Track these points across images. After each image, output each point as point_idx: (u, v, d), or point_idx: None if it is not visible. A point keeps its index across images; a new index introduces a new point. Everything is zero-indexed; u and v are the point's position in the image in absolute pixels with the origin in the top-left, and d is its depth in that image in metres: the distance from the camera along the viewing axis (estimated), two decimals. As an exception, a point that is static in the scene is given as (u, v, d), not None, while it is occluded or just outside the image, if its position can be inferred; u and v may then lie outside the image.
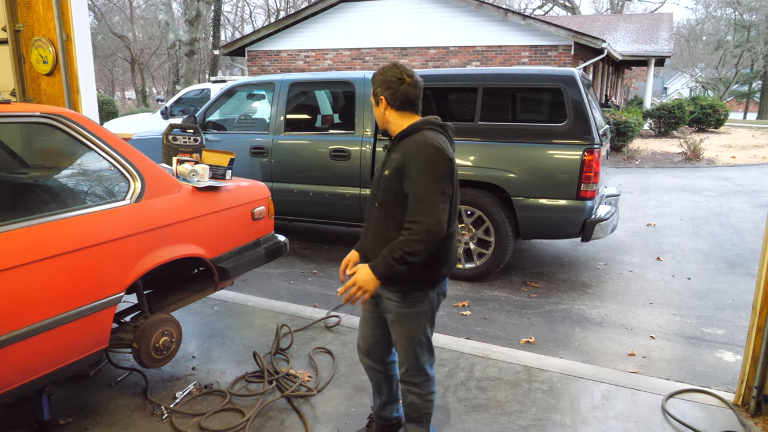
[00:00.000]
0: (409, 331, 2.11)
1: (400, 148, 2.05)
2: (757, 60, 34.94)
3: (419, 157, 1.96)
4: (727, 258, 5.41)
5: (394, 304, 2.09)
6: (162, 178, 2.75)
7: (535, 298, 4.41)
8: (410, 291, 2.07)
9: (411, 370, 2.16)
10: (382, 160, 2.16)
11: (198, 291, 3.11)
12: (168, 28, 15.48)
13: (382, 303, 2.15)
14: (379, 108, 2.11)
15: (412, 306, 2.08)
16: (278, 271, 5.02)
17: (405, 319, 2.10)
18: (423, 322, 2.11)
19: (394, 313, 2.11)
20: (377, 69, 2.14)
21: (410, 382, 2.18)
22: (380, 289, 2.09)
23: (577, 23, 21.55)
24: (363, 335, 2.31)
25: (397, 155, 2.03)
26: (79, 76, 3.84)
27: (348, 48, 15.90)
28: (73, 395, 2.82)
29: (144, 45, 33.93)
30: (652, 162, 12.21)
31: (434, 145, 1.98)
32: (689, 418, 2.64)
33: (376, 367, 2.32)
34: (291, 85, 5.43)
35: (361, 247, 2.22)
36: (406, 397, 2.21)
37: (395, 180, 2.01)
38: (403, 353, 2.15)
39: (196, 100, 11.12)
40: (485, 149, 4.61)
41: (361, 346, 2.33)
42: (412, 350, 2.13)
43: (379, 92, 2.09)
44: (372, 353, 2.30)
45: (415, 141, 2.01)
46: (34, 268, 2.10)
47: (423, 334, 2.13)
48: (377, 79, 2.09)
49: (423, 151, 1.96)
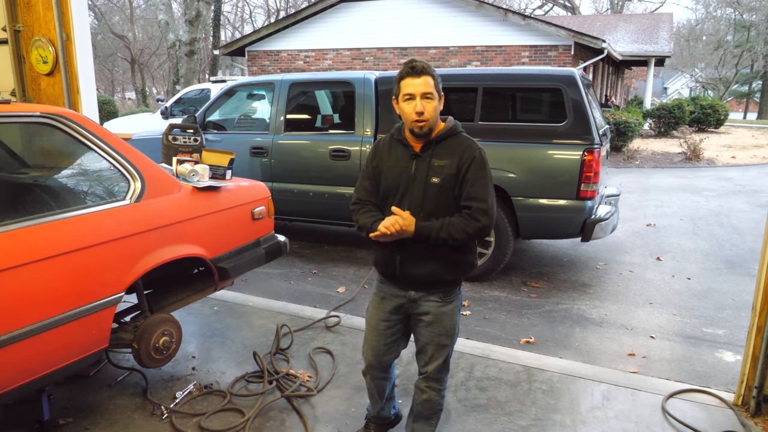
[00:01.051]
0: (449, 328, 2.12)
1: (444, 153, 2.00)
2: (757, 60, 34.94)
3: (479, 159, 2.00)
4: (727, 258, 5.41)
5: (434, 304, 2.09)
6: (162, 178, 2.75)
7: (535, 298, 4.41)
8: (451, 289, 2.11)
9: (441, 368, 2.15)
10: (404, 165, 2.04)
11: (198, 291, 3.11)
12: (168, 28, 15.48)
13: (416, 306, 2.11)
14: (440, 104, 2.01)
15: (450, 302, 2.12)
16: (278, 271, 5.02)
17: (444, 316, 2.10)
18: (458, 317, 2.16)
19: (434, 313, 2.10)
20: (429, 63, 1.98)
21: (437, 379, 2.17)
22: (418, 293, 2.09)
23: (577, 23, 21.55)
24: (375, 347, 2.21)
25: (443, 161, 1.99)
26: (79, 76, 3.83)
27: (348, 48, 15.90)
28: (73, 395, 2.81)
29: (144, 45, 33.93)
30: (652, 162, 12.21)
31: (481, 148, 2.02)
32: (689, 418, 2.64)
33: (382, 376, 2.29)
34: (291, 85, 5.43)
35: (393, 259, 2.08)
36: (423, 394, 2.19)
37: (448, 187, 1.99)
38: (438, 351, 2.13)
39: (196, 100, 11.12)
40: (485, 149, 4.59)
41: (371, 360, 2.23)
42: (449, 347, 2.15)
43: (440, 88, 1.99)
44: (383, 363, 2.24)
45: (466, 144, 2.02)
46: (34, 268, 2.10)
47: (458, 328, 2.17)
48: (437, 74, 1.98)
49: (481, 154, 2.01)
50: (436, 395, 2.19)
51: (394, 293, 2.15)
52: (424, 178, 2.00)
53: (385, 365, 2.26)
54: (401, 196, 2.04)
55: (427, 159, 2.01)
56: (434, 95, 1.96)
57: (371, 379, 2.29)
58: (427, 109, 1.94)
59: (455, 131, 2.05)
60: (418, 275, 2.06)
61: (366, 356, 2.25)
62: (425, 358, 2.16)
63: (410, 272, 2.06)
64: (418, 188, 2.01)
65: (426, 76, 1.93)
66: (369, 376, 2.29)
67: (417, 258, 2.03)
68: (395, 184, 2.05)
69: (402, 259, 2.05)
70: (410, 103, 1.95)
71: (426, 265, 2.03)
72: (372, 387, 2.32)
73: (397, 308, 2.16)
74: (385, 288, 2.18)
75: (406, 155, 2.06)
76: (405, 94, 1.96)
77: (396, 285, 2.14)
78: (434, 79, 1.96)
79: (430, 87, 1.94)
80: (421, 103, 1.94)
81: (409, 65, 1.95)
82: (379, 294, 2.21)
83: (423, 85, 1.93)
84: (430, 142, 2.03)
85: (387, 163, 2.10)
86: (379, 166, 2.12)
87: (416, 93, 1.94)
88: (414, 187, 2.02)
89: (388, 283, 2.17)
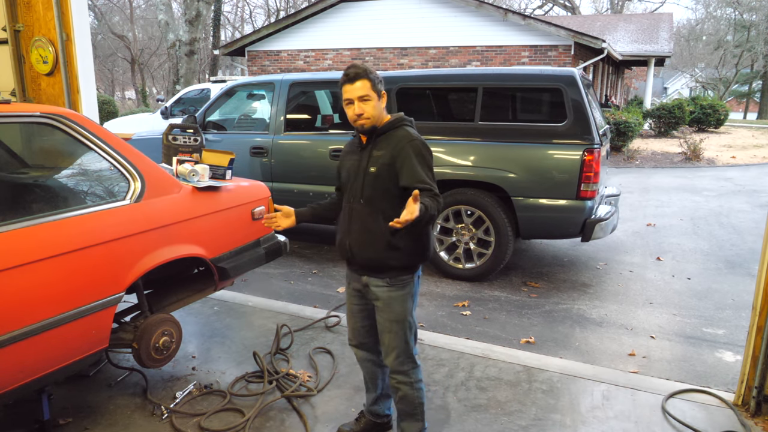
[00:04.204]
0: (398, 313, 2.20)
1: (383, 144, 2.14)
2: (757, 60, 34.93)
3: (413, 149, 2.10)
4: (727, 258, 5.41)
5: (383, 289, 2.18)
6: (162, 178, 2.75)
7: (535, 298, 4.41)
8: (397, 275, 2.18)
9: (401, 357, 2.21)
10: (355, 158, 2.22)
11: (198, 291, 3.11)
12: (168, 28, 15.48)
13: (369, 292, 2.23)
14: (381, 102, 2.17)
15: (400, 289, 2.19)
16: (278, 271, 5.02)
17: (394, 301, 2.19)
18: (409, 304, 2.21)
19: (383, 298, 2.19)
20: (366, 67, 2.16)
21: (400, 370, 2.22)
22: (369, 278, 2.21)
23: (577, 23, 21.55)
24: (353, 328, 2.38)
25: (380, 152, 2.13)
26: (79, 76, 3.84)
27: (348, 48, 15.90)
28: (73, 395, 2.82)
29: (144, 45, 33.93)
30: (652, 162, 12.21)
31: (421, 138, 2.14)
32: (689, 418, 2.64)
33: (370, 357, 2.39)
34: (291, 85, 5.43)
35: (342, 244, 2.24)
36: (397, 391, 2.25)
37: (385, 176, 2.11)
38: (393, 338, 2.20)
39: (196, 100, 11.13)
40: (485, 149, 4.61)
41: (352, 339, 2.40)
42: (402, 334, 2.20)
43: (380, 88, 2.16)
44: (364, 344, 2.37)
45: (402, 136, 2.14)
46: (35, 268, 2.10)
47: (411, 316, 2.22)
48: (376, 75, 2.14)
49: (414, 143, 2.11)
50: (409, 389, 2.24)
51: (353, 278, 2.30)
52: (364, 168, 2.17)
53: (368, 347, 2.37)
54: (351, 185, 2.23)
55: (369, 150, 2.18)
56: (371, 96, 2.12)
57: (359, 361, 2.43)
58: (366, 110, 2.12)
59: (395, 125, 2.18)
60: (365, 259, 2.19)
61: (349, 337, 2.42)
62: (384, 349, 2.25)
63: (358, 257, 2.20)
64: (359, 177, 2.18)
65: (361, 80, 2.11)
66: (357, 357, 2.42)
67: (362, 243, 2.17)
68: (348, 176, 2.25)
69: (350, 243, 2.20)
70: (350, 107, 2.14)
71: (369, 249, 2.16)
72: (363, 371, 2.44)
73: (357, 292, 2.30)
74: (348, 273, 2.34)
75: (357, 148, 2.26)
76: (345, 100, 2.16)
77: (352, 269, 2.30)
78: (371, 81, 2.12)
79: (366, 89, 2.11)
80: (359, 106, 2.12)
81: (344, 73, 2.13)
82: (347, 279, 2.37)
83: (359, 89, 2.11)
84: (372, 135, 2.19)
85: (346, 158, 2.31)
86: (341, 162, 2.35)
87: (353, 97, 2.12)
88: (357, 176, 2.19)
89: (348, 269, 2.33)
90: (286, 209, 2.34)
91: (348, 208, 2.23)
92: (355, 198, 2.19)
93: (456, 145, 4.65)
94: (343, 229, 2.25)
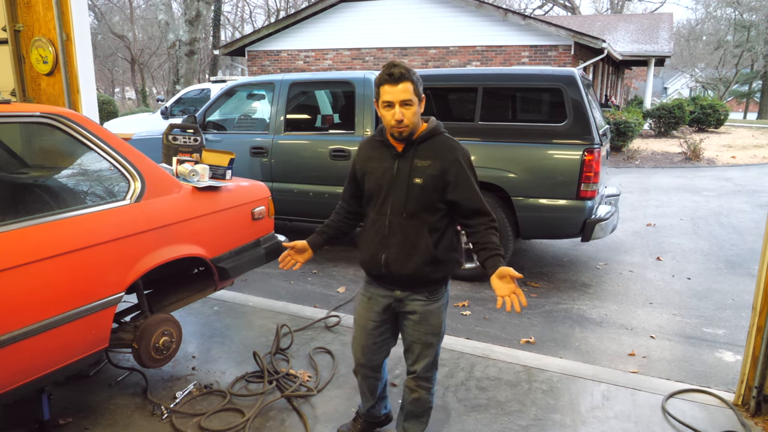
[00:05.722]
0: (435, 326, 2.12)
1: (427, 153, 1.98)
2: (757, 60, 34.94)
3: (465, 161, 2.00)
4: (727, 258, 5.41)
5: (420, 303, 2.09)
6: (162, 178, 2.74)
7: (535, 298, 4.41)
8: (437, 288, 2.11)
9: (429, 367, 2.15)
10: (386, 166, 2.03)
11: (198, 291, 3.11)
12: (168, 28, 15.48)
13: (402, 306, 2.11)
14: (419, 108, 1.97)
15: (436, 301, 2.12)
16: (278, 271, 5.01)
17: (431, 314, 2.10)
18: (444, 314, 2.15)
19: (420, 312, 2.10)
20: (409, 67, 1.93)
21: (425, 377, 2.17)
22: (404, 292, 2.09)
23: (577, 23, 21.55)
24: (363, 346, 2.21)
25: (425, 162, 1.97)
26: (79, 76, 3.83)
27: (348, 48, 15.90)
28: (73, 395, 2.81)
29: (144, 45, 33.92)
30: (652, 162, 12.21)
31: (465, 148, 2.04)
32: (689, 418, 2.64)
33: (374, 375, 2.29)
34: (291, 85, 5.43)
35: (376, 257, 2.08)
36: (413, 393, 2.20)
37: (431, 188, 1.97)
38: (425, 350, 2.13)
39: (196, 100, 11.12)
40: (485, 149, 4.61)
41: (361, 358, 2.24)
42: (435, 346, 2.15)
43: (421, 90, 1.96)
44: (373, 362, 2.24)
45: (449, 145, 2.02)
46: (35, 268, 2.10)
47: (444, 326, 2.17)
48: (419, 77, 1.94)
49: (465, 154, 2.02)
50: (426, 393, 2.20)
51: (380, 293, 2.15)
52: (406, 179, 1.98)
53: (375, 364, 2.27)
54: (384, 197, 2.03)
55: (410, 159, 1.99)
56: (413, 101, 1.92)
57: (362, 378, 2.30)
58: (407, 116, 1.92)
59: (437, 132, 2.04)
60: (404, 275, 2.05)
61: (356, 355, 2.25)
62: (413, 357, 2.17)
63: (396, 272, 2.05)
64: (401, 188, 1.99)
65: (404, 83, 1.89)
66: (360, 375, 2.30)
67: (402, 257, 2.02)
68: (378, 185, 2.04)
69: (387, 258, 2.04)
70: (389, 111, 1.93)
71: (410, 264, 2.02)
72: (363, 385, 2.33)
73: (384, 308, 2.15)
74: (372, 288, 2.18)
75: (388, 156, 2.04)
76: (384, 102, 1.93)
77: (382, 285, 2.14)
78: (414, 84, 1.91)
79: (410, 93, 1.90)
80: (400, 111, 1.91)
81: (387, 72, 1.91)
82: (366, 294, 2.20)
83: (402, 92, 1.89)
84: (412, 142, 2.01)
85: (370, 164, 2.09)
86: (362, 168, 2.12)
87: (395, 101, 1.91)
88: (397, 187, 2.00)
89: (375, 283, 2.16)
90: (299, 244, 2.24)
91: (385, 221, 2.03)
92: (395, 210, 2.00)
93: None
94: (377, 242, 2.06)
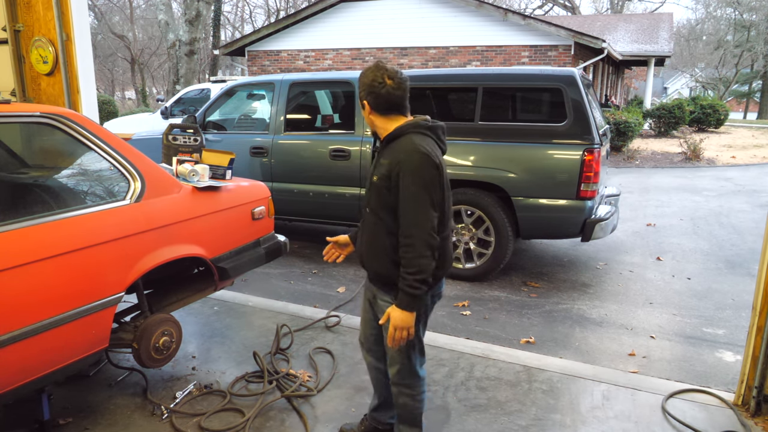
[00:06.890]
0: None
1: (388, 152, 2.00)
2: (757, 60, 34.93)
3: (407, 166, 1.90)
4: (727, 258, 5.41)
5: (387, 305, 2.06)
6: (162, 178, 2.75)
7: (535, 298, 4.41)
8: None
9: (402, 372, 2.14)
10: (372, 164, 2.13)
11: (198, 291, 3.11)
12: (168, 28, 15.47)
13: (376, 304, 2.15)
14: (365, 112, 2.06)
15: None
16: (278, 271, 5.01)
17: None
18: (416, 325, 2.04)
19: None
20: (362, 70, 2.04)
21: (401, 383, 2.17)
22: (376, 291, 2.12)
23: (577, 23, 21.55)
24: (363, 333, 2.32)
25: (385, 161, 1.98)
26: (79, 76, 3.83)
27: (348, 48, 15.90)
28: (73, 395, 2.82)
29: (144, 45, 33.92)
30: (652, 162, 12.21)
31: (420, 151, 1.91)
32: (689, 418, 2.64)
33: (377, 365, 2.32)
34: (291, 85, 5.43)
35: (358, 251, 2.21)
36: (398, 398, 2.21)
37: (383, 187, 1.98)
38: (396, 355, 2.12)
39: (196, 100, 11.12)
40: (485, 149, 4.61)
41: (363, 343, 2.34)
42: (405, 352, 2.11)
43: (362, 96, 2.02)
44: (372, 351, 2.30)
45: (402, 147, 1.94)
46: (35, 268, 2.10)
47: (416, 337, 2.09)
48: (361, 83, 2.01)
49: (410, 158, 1.91)
50: (410, 400, 2.18)
51: (367, 286, 2.24)
52: (371, 175, 2.09)
53: (376, 355, 2.30)
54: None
55: (378, 157, 2.08)
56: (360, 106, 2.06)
57: (367, 366, 2.38)
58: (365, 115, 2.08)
59: (402, 132, 1.99)
60: (372, 271, 2.11)
61: (360, 339, 2.37)
62: (388, 359, 2.18)
63: (367, 266, 2.13)
64: (368, 183, 2.11)
65: None
66: (366, 362, 2.37)
67: (368, 252, 2.09)
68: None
69: (360, 251, 2.14)
70: None
71: (375, 262, 2.07)
72: (370, 375, 2.40)
73: (369, 301, 2.23)
74: (366, 280, 2.28)
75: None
76: None
77: (368, 278, 2.22)
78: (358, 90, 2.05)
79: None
80: None
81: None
82: (364, 284, 2.31)
83: None
84: (381, 141, 2.08)
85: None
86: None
87: None
88: (369, 183, 2.10)
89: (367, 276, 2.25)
90: (342, 239, 2.33)
91: (362, 213, 2.15)
92: (365, 204, 2.12)
93: (456, 145, 4.64)
94: (359, 234, 2.19)
